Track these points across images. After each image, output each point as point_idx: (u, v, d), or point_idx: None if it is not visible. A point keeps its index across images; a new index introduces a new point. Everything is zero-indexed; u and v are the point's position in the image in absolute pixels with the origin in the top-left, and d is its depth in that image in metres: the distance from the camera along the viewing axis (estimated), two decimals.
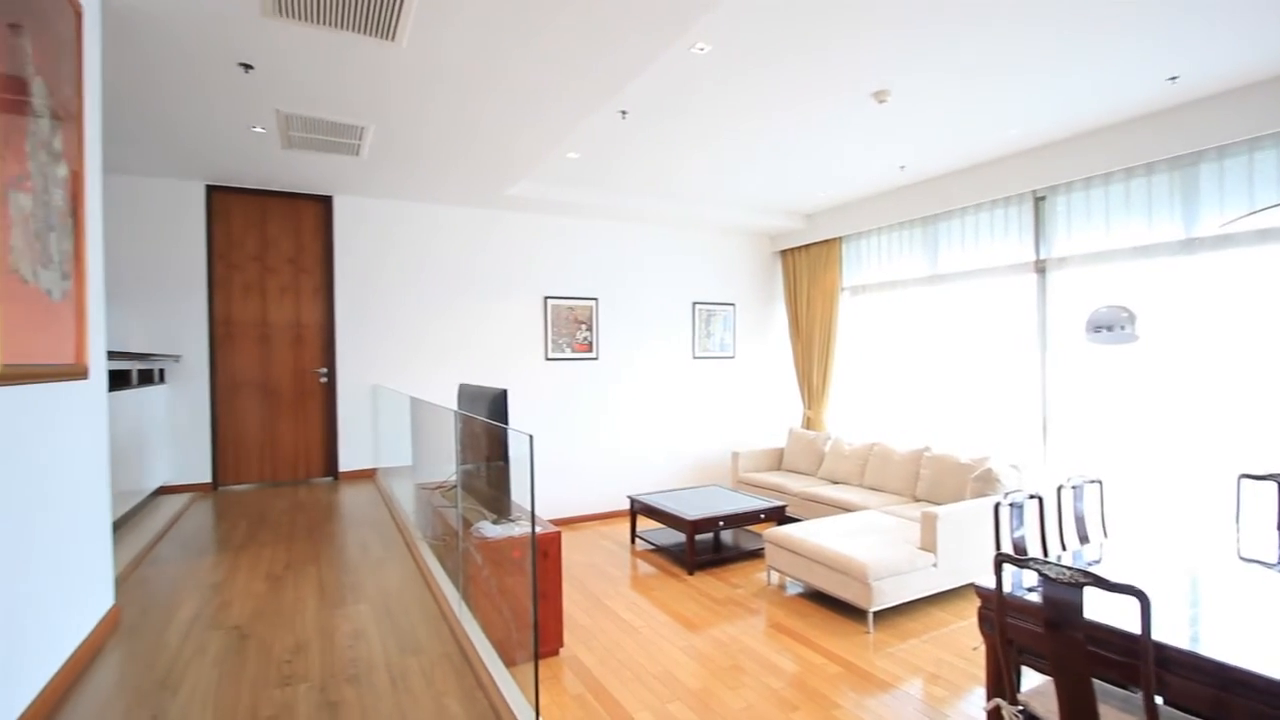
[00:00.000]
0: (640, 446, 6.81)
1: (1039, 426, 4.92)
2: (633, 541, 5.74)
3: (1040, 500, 2.80)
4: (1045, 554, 2.88)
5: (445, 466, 3.75)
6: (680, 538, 5.29)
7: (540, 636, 1.97)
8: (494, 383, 5.82)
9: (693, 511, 5.10)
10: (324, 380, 5.53)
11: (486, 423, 2.99)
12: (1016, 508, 2.68)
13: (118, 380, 3.82)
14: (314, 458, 5.52)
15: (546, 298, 6.32)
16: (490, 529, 3.10)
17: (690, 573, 4.91)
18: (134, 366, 4.18)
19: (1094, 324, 4.34)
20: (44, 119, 1.95)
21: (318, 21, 2.69)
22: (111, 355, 3.18)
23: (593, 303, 6.54)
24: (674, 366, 7.02)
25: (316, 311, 5.51)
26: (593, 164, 5.05)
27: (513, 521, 3.29)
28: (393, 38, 2.82)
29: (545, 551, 3.31)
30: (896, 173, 5.37)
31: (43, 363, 1.90)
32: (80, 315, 2.21)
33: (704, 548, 5.29)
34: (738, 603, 4.34)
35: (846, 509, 5.30)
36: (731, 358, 7.38)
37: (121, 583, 2.95)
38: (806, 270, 7.10)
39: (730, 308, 7.36)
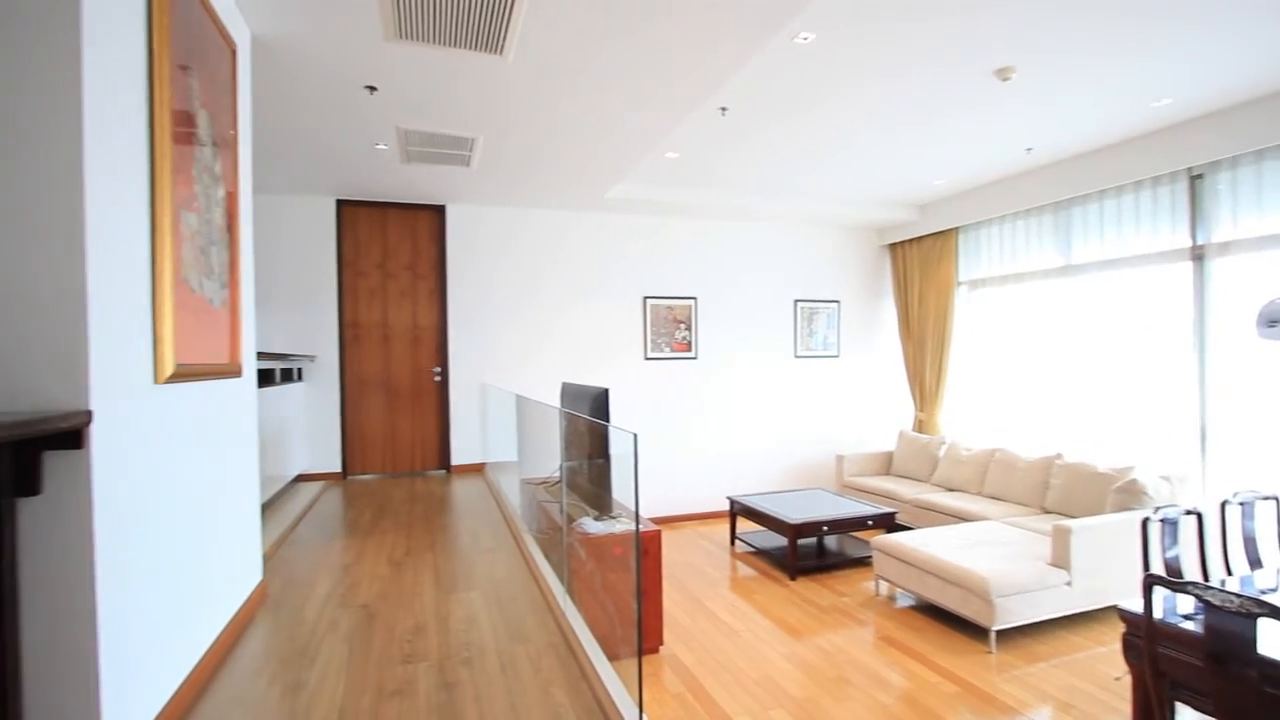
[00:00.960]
0: (739, 447, 6.71)
1: (1195, 434, 4.36)
2: (732, 543, 5.67)
3: (1199, 517, 2.48)
4: (1205, 578, 2.55)
5: (549, 463, 3.87)
6: (781, 541, 5.16)
7: (641, 633, 2.00)
8: (594, 382, 5.95)
9: (795, 515, 4.96)
10: (438, 379, 5.88)
11: (589, 421, 3.05)
12: (1169, 524, 2.39)
13: (264, 378, 4.26)
14: (429, 451, 5.88)
15: (645, 298, 6.38)
16: (592, 525, 3.17)
17: (792, 578, 4.78)
18: (277, 366, 4.64)
19: (1269, 317, 3.79)
20: (207, 147, 2.20)
21: (433, 41, 2.86)
22: (259, 356, 3.54)
23: (691, 302, 6.53)
24: (774, 366, 6.87)
25: (431, 314, 5.87)
26: (691, 163, 5.03)
27: (614, 518, 3.34)
28: (500, 51, 2.94)
29: (646, 549, 3.34)
30: (1022, 156, 4.96)
31: (206, 362, 2.14)
32: (235, 320, 2.47)
33: (806, 553, 5.13)
34: (843, 612, 4.17)
35: (964, 518, 4.95)
36: (835, 357, 7.11)
37: (268, 560, 3.28)
38: (918, 264, 6.71)
39: (834, 305, 7.10)
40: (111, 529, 1.51)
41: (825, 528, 4.91)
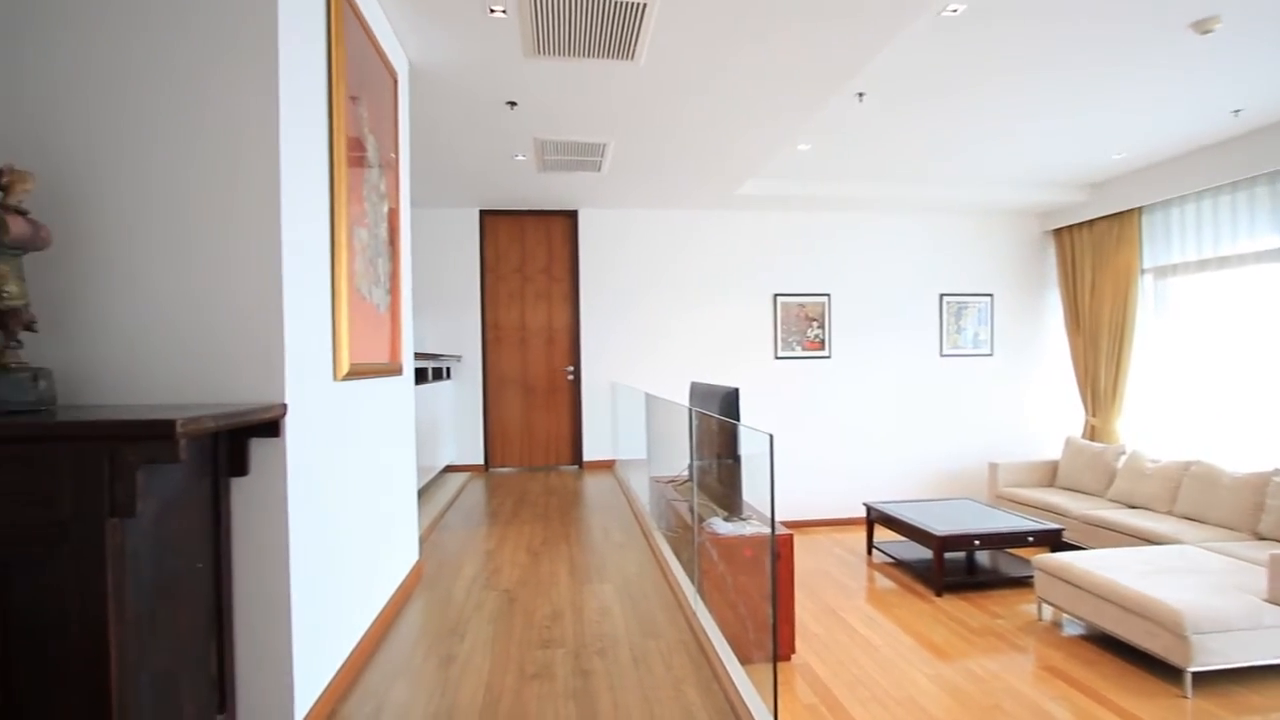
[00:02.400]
0: (877, 451, 6.35)
1: None
2: (869, 552, 5.37)
3: None
4: None
5: (677, 461, 3.89)
6: (924, 554, 4.81)
7: (776, 640, 1.96)
8: (722, 381, 5.90)
9: (941, 526, 4.60)
10: (571, 377, 6.13)
11: (720, 420, 3.03)
12: None
13: (418, 376, 4.67)
14: (562, 447, 6.15)
15: (776, 295, 6.22)
16: (722, 526, 3.14)
17: (938, 594, 4.44)
18: (429, 365, 5.07)
19: None
20: (374, 168, 2.44)
21: (568, 54, 2.97)
22: (415, 356, 3.88)
23: (824, 299, 6.28)
24: (917, 365, 6.42)
25: (565, 315, 6.13)
26: (825, 154, 4.83)
27: (744, 520, 3.29)
28: (632, 57, 3.00)
29: (777, 553, 3.25)
30: (1227, 120, 4.24)
31: (374, 361, 2.38)
32: (396, 323, 2.73)
33: (954, 568, 4.74)
34: (999, 635, 3.80)
35: (1150, 540, 4.33)
36: (988, 355, 6.51)
37: (423, 542, 3.59)
38: (1090, 250, 5.97)
39: (986, 299, 6.50)
40: (300, 505, 1.73)
41: (977, 542, 4.51)
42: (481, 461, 6.01)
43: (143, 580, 1.28)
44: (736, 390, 3.14)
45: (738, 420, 3.15)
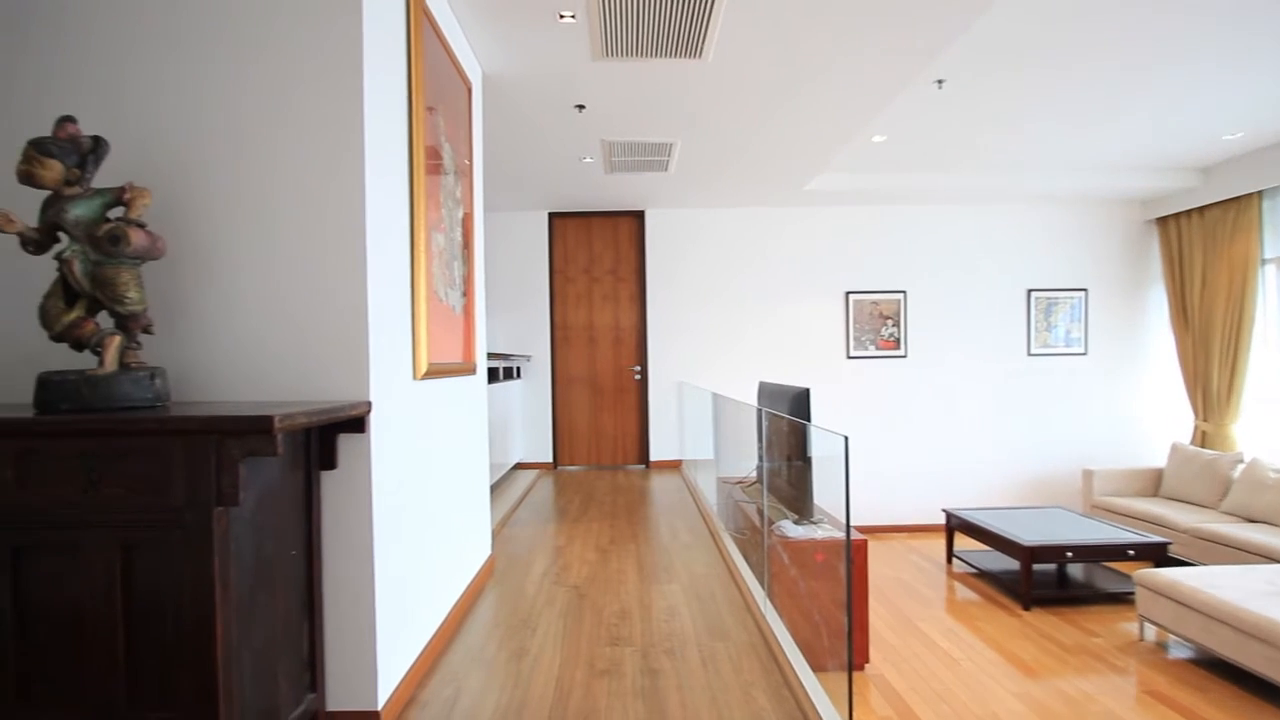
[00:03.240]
0: (956, 455, 6.05)
1: None
2: (949, 561, 5.13)
3: None
4: None
5: (745, 462, 3.84)
6: (1011, 564, 4.55)
7: (851, 648, 1.89)
8: (792, 381, 5.78)
9: (1029, 536, 4.33)
10: (638, 377, 6.16)
11: (791, 421, 2.97)
12: None
13: (490, 375, 4.81)
14: (629, 446, 6.19)
15: (848, 293, 6.04)
16: (792, 529, 3.07)
17: (1025, 607, 4.19)
18: (500, 365, 5.21)
19: None
20: (450, 175, 2.53)
21: (636, 55, 2.99)
22: (487, 356, 4.00)
23: (900, 296, 6.04)
24: (1001, 364, 6.08)
25: (632, 315, 6.17)
26: (901, 145, 4.65)
27: (814, 523, 3.21)
28: (700, 54, 2.98)
29: (851, 559, 3.15)
30: None
31: (450, 361, 2.47)
32: (470, 324, 2.82)
33: (1044, 581, 4.46)
34: (1094, 654, 3.55)
35: (1271, 558, 3.93)
36: (1081, 354, 6.09)
37: (495, 537, 3.70)
38: (1200, 240, 5.48)
39: (1079, 294, 6.08)
40: (383, 498, 1.81)
41: (1069, 554, 4.22)
42: (550, 459, 6.13)
43: (244, 565, 1.38)
44: (807, 390, 3.07)
45: (808, 421, 3.07)
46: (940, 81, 3.52)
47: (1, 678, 1.28)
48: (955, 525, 5.05)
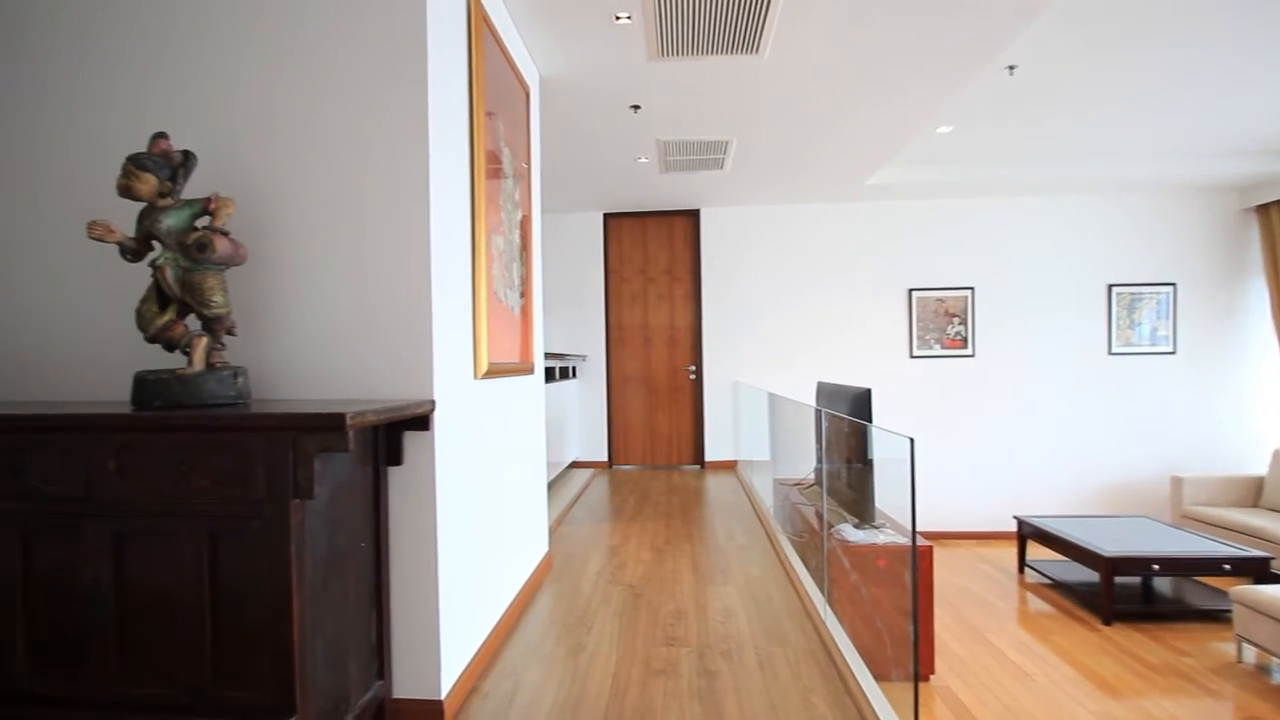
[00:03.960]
0: (1030, 458, 5.76)
1: None
2: (1020, 570, 4.89)
3: None
4: None
5: (802, 464, 3.76)
6: (1089, 576, 4.29)
7: (917, 658, 1.82)
8: (852, 381, 5.64)
9: (1110, 546, 4.08)
10: (693, 377, 6.14)
11: (851, 422, 2.89)
12: None
13: (547, 374, 4.88)
14: (684, 446, 6.17)
15: (911, 290, 5.84)
16: (852, 533, 2.99)
17: (1106, 622, 3.94)
18: (556, 365, 5.29)
19: None
20: (509, 179, 2.59)
21: (692, 53, 2.97)
22: (544, 355, 4.06)
23: (967, 293, 5.80)
24: (1078, 364, 5.75)
25: (687, 315, 6.15)
26: (969, 136, 4.46)
27: (876, 528, 3.11)
28: (757, 50, 2.94)
29: (916, 565, 3.04)
30: None
31: (509, 361, 2.52)
32: (528, 325, 2.87)
33: (1127, 594, 4.19)
34: (1183, 675, 3.31)
35: None
36: (1169, 353, 5.69)
37: (551, 534, 3.75)
38: None
39: (1167, 289, 5.69)
40: (447, 493, 1.87)
41: (1155, 566, 3.95)
42: (605, 458, 6.18)
43: (318, 555, 1.44)
44: (868, 391, 2.98)
45: (869, 422, 2.98)
46: (1012, 67, 3.36)
47: (105, 654, 1.38)
48: (1028, 533, 4.81)
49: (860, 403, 2.98)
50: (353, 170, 1.79)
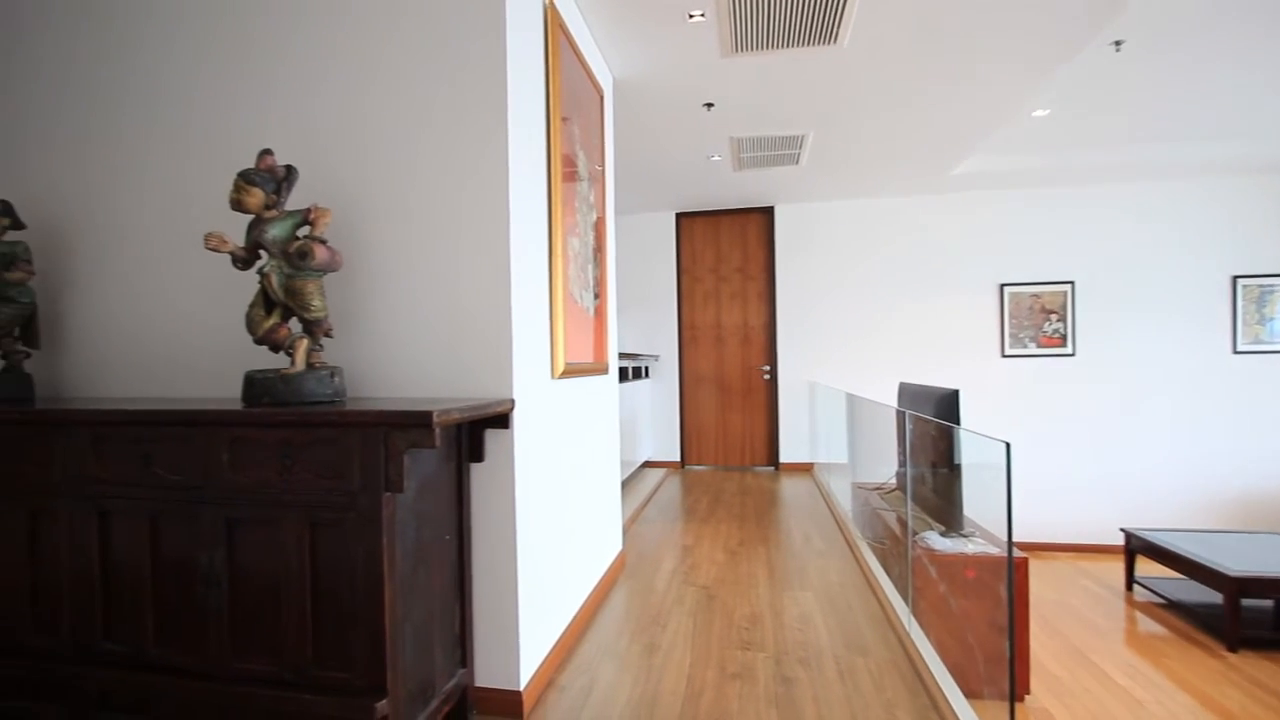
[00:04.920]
0: (1139, 466, 5.31)
1: None
2: (1128, 587, 4.51)
3: None
4: None
5: (882, 467, 3.62)
6: (1211, 597, 3.91)
7: (1014, 677, 1.71)
8: (936, 382, 5.38)
9: (1236, 565, 3.70)
10: (767, 377, 6.03)
11: (940, 425, 2.76)
12: None
13: (619, 374, 4.92)
14: (758, 447, 6.07)
15: (1002, 285, 5.51)
16: (938, 541, 2.85)
17: (1231, 648, 3.58)
18: (629, 364, 5.32)
19: None
20: (584, 181, 2.63)
21: (767, 47, 2.92)
22: (618, 355, 4.10)
23: (1066, 288, 5.41)
24: (1197, 363, 5.25)
25: (761, 314, 6.05)
26: (1069, 119, 4.16)
27: (964, 536, 2.95)
28: (835, 40, 2.85)
29: (1004, 577, 2.86)
30: None
31: (585, 361, 2.56)
32: (602, 325, 2.91)
33: (1255, 618, 3.78)
34: None
35: None
36: None
37: (624, 533, 3.78)
38: None
39: None
40: (525, 490, 1.91)
41: None
42: (678, 458, 6.17)
43: (406, 546, 1.51)
44: (956, 392, 2.83)
45: (957, 426, 2.83)
46: (1118, 43, 3.10)
47: (219, 631, 1.50)
48: (1137, 547, 4.43)
49: (947, 404, 2.83)
50: (436, 179, 1.86)
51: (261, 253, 1.67)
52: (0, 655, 1.66)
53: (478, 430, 1.82)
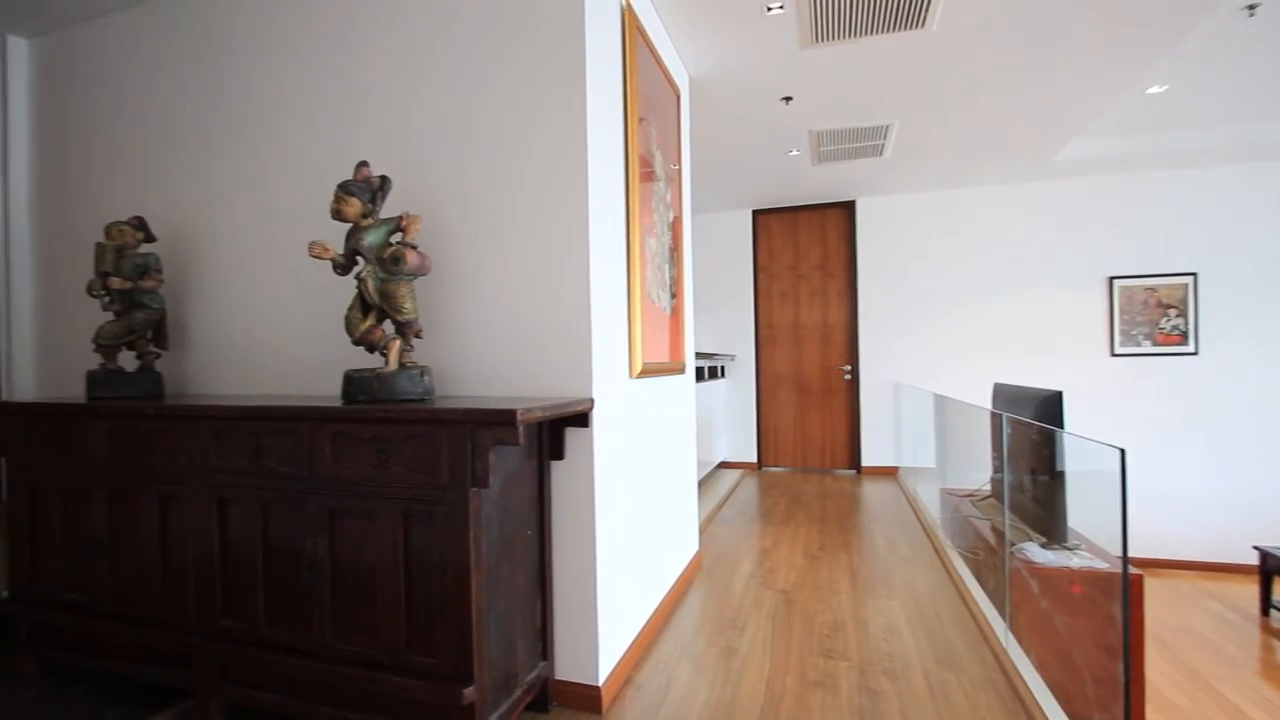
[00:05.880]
0: (1275, 478, 4.76)
1: None
2: (1264, 612, 4.06)
3: None
4: None
5: (974, 473, 3.42)
6: None
7: (1129, 707, 1.56)
8: (1036, 382, 5.03)
9: None
10: (848, 377, 5.83)
11: (1041, 429, 2.58)
12: None
13: (695, 374, 4.90)
14: (838, 450, 5.88)
15: (1111, 278, 5.08)
16: (1039, 553, 2.66)
17: None
18: (705, 364, 5.29)
19: None
20: (661, 181, 2.63)
21: (849, 36, 2.82)
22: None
23: (1187, 280, 4.92)
24: None
25: (841, 312, 5.86)
26: (1188, 95, 3.79)
27: (1068, 549, 2.74)
28: (922, 24, 2.72)
29: (1114, 594, 2.64)
30: None
31: (662, 361, 2.56)
32: (679, 325, 2.90)
33: None
34: None
35: None
36: None
37: (701, 533, 3.75)
38: None
39: None
40: (604, 488, 1.93)
41: None
42: (754, 459, 6.08)
43: (491, 539, 1.56)
44: (1059, 394, 2.63)
45: (1060, 428, 2.64)
46: (1252, 7, 2.79)
47: (321, 613, 1.61)
48: (1275, 567, 3.98)
49: (1049, 407, 2.64)
50: (518, 183, 1.92)
51: (358, 259, 1.77)
52: (138, 626, 1.85)
53: (558, 428, 1.85)
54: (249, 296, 2.28)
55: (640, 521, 2.30)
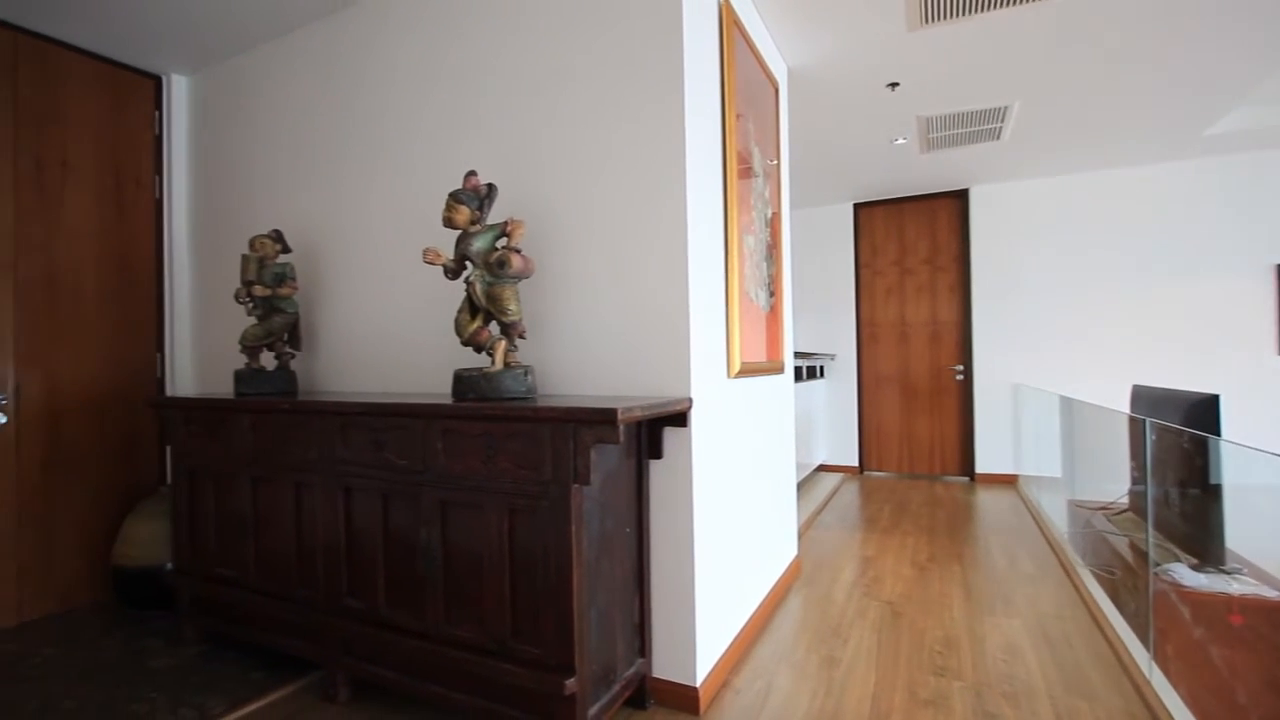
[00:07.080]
0: None
1: None
2: None
3: None
4: None
5: (1108, 484, 3.10)
6: None
7: None
8: (1182, 384, 4.50)
9: None
10: (960, 378, 5.47)
11: (1194, 436, 2.30)
12: None
13: (794, 374, 4.76)
14: (949, 455, 5.53)
15: (1279, 266, 4.45)
16: (1189, 575, 2.37)
17: None
18: (804, 364, 5.13)
19: None
20: (759, 177, 2.57)
21: (964, 13, 2.64)
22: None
23: None
24: None
25: (952, 308, 5.50)
26: None
27: (1226, 572, 2.42)
28: None
29: None
30: None
31: (760, 360, 2.51)
32: (777, 324, 2.83)
33: None
34: None
35: None
36: None
37: (799, 538, 3.64)
38: None
39: None
40: (702, 488, 1.92)
41: None
42: (855, 463, 5.83)
43: (591, 535, 1.59)
44: (1215, 398, 2.34)
45: (1218, 436, 2.33)
46: None
47: (434, 598, 1.70)
48: None
49: (1202, 411, 2.35)
50: (616, 184, 1.94)
51: (467, 264, 1.86)
52: (277, 600, 2.04)
53: (657, 428, 1.86)
54: (371, 301, 2.46)
55: (738, 523, 2.27)
